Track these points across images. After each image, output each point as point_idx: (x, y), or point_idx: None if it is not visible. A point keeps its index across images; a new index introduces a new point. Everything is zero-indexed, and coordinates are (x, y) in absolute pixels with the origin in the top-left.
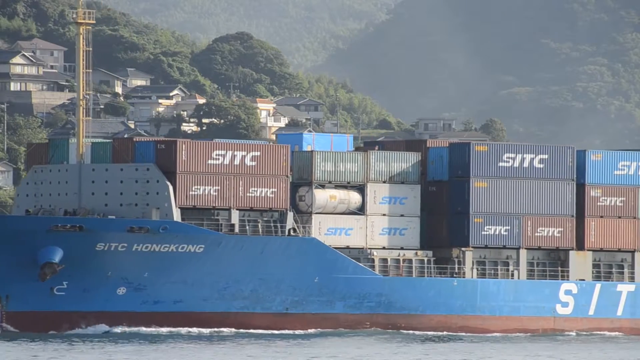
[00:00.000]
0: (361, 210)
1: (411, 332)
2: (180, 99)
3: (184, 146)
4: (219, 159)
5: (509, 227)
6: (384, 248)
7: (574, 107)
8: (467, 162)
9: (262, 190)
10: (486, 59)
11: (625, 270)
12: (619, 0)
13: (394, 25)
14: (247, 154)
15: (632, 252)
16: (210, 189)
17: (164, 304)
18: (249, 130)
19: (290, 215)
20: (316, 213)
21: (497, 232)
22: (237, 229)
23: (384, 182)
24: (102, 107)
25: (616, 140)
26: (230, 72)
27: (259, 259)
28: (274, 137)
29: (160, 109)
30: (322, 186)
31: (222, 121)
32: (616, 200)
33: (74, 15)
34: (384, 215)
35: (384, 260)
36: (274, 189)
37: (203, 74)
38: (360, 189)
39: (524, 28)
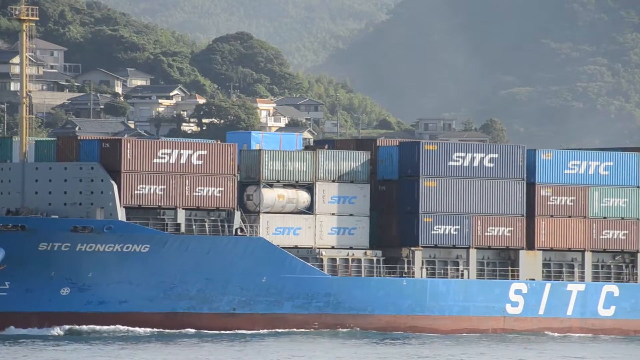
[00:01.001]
0: (310, 209)
1: (360, 331)
2: (180, 99)
3: (128, 145)
4: (164, 157)
5: (459, 227)
6: (332, 248)
7: (574, 107)
8: (417, 162)
9: (209, 190)
10: (486, 59)
11: (576, 269)
12: (619, 0)
13: (394, 25)
14: (193, 152)
15: (582, 251)
16: (155, 188)
17: (109, 304)
18: (249, 130)
19: (237, 215)
20: (264, 212)
21: (447, 232)
22: (183, 229)
23: (333, 181)
24: (102, 107)
25: (616, 140)
26: (230, 72)
27: (206, 259)
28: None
29: (160, 109)
30: (270, 185)
31: (222, 121)
32: (566, 199)
33: (17, 12)
34: (333, 214)
35: (333, 260)
36: (221, 188)
37: (203, 74)
38: (309, 188)
39: (524, 28)
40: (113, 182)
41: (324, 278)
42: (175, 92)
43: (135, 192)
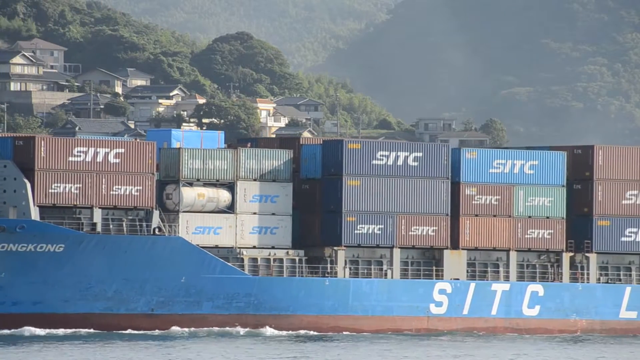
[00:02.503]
0: (231, 208)
1: (282, 332)
2: (180, 99)
3: (42, 142)
4: (80, 155)
5: (383, 226)
6: (254, 247)
7: (574, 107)
8: (340, 160)
9: (126, 188)
10: (486, 59)
11: (501, 269)
12: (618, 0)
13: (394, 25)
14: (110, 150)
15: (507, 251)
16: (71, 187)
17: (23, 305)
18: (249, 130)
19: (156, 214)
20: (184, 211)
21: (371, 231)
22: (99, 228)
23: (255, 180)
24: (102, 107)
25: (616, 140)
26: (230, 72)
27: (123, 259)
28: (274, 137)
29: (160, 109)
30: (190, 184)
31: (222, 121)
32: (491, 198)
33: None
34: (255, 213)
35: (254, 259)
36: (139, 187)
37: (203, 74)
38: (230, 187)
39: (524, 28)
40: (26, 181)
41: (244, 278)
42: (175, 92)
43: (50, 190)
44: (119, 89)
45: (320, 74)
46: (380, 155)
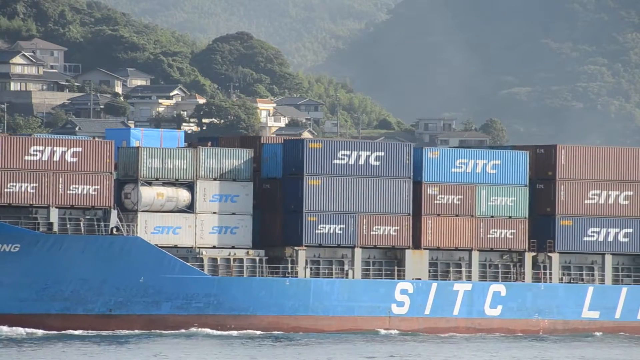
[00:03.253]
0: (190, 208)
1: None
2: (180, 99)
3: None
4: (36, 154)
5: (344, 226)
6: (214, 247)
7: (574, 107)
8: (301, 160)
9: (84, 188)
10: (486, 58)
11: (463, 269)
12: (619, 0)
13: (394, 25)
14: (67, 149)
15: (469, 250)
16: (27, 186)
17: None
18: (249, 130)
19: (114, 214)
20: (142, 211)
21: (332, 231)
22: (55, 228)
23: (215, 179)
24: (102, 107)
25: (616, 140)
26: (230, 72)
27: (80, 259)
28: (274, 137)
29: (161, 109)
30: (149, 183)
31: (222, 121)
32: (453, 198)
33: None
34: (215, 213)
35: (214, 259)
36: (96, 186)
37: (203, 74)
38: (190, 187)
39: (524, 28)
40: None
41: (203, 278)
42: (175, 92)
43: (5, 190)
44: (119, 89)
45: (320, 74)
46: (341, 155)
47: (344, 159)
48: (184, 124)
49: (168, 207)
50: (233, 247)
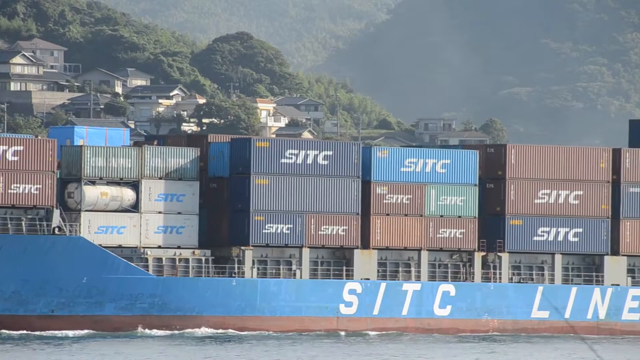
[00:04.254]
0: (135, 207)
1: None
2: (180, 99)
3: None
4: None
5: (292, 226)
6: (159, 247)
7: (574, 107)
8: (248, 159)
9: (25, 187)
10: (486, 58)
11: (412, 269)
12: (619, 0)
13: (394, 25)
14: (8, 148)
15: (419, 250)
16: None
17: None
18: (249, 130)
19: (56, 213)
20: (86, 210)
21: (279, 231)
22: None
23: (160, 178)
24: (102, 107)
25: (616, 140)
26: (230, 72)
27: (22, 259)
28: (274, 137)
29: (161, 109)
30: (93, 182)
31: (222, 121)
32: (402, 197)
33: None
34: (160, 213)
35: (159, 259)
36: (38, 185)
37: (203, 74)
38: (135, 186)
39: (524, 28)
40: None
41: (148, 278)
42: (175, 92)
43: None
44: (119, 89)
45: (320, 74)
46: (289, 154)
47: (291, 158)
48: (184, 124)
49: (112, 206)
50: (179, 247)
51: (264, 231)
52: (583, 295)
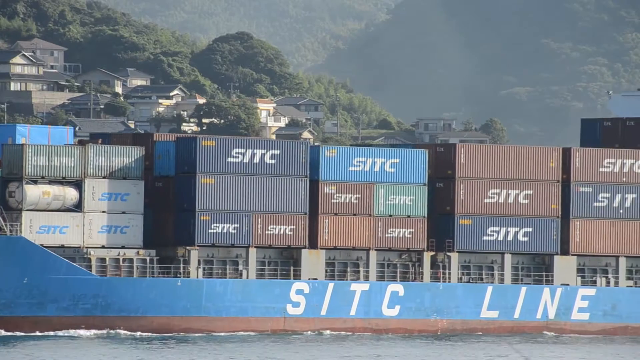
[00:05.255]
0: (78, 207)
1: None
2: (180, 99)
3: None
4: None
5: (238, 225)
6: (103, 247)
7: (574, 107)
8: (194, 158)
9: None
10: (486, 58)
11: (361, 269)
12: (618, 0)
13: (394, 25)
14: None
15: (367, 250)
16: None
17: None
18: (249, 130)
19: None
20: (27, 210)
21: (225, 230)
22: None
23: (104, 177)
24: (102, 107)
25: None
26: (230, 72)
27: None
28: (274, 137)
29: (161, 109)
30: (35, 181)
31: (222, 121)
32: (351, 197)
33: None
34: (104, 212)
35: (102, 259)
36: None
37: (203, 74)
38: (78, 185)
39: (524, 28)
40: None
41: (91, 279)
42: (175, 92)
43: None
44: (119, 89)
45: (320, 74)
46: (235, 153)
47: (238, 157)
48: (184, 124)
49: (54, 205)
50: (123, 247)
51: (209, 231)
52: (532, 295)
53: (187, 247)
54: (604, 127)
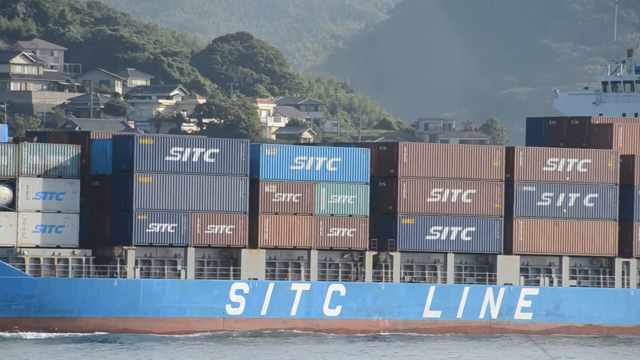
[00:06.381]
0: (12, 206)
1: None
2: (180, 99)
3: None
4: None
5: (176, 225)
6: (37, 247)
7: None
8: (131, 156)
9: None
10: (486, 58)
11: (302, 268)
12: (619, 0)
13: (394, 25)
14: None
15: (308, 250)
16: None
17: None
18: (249, 130)
19: None
20: None
21: (164, 230)
22: None
23: (39, 176)
24: (102, 107)
25: None
26: (230, 72)
27: None
28: (274, 137)
29: (161, 109)
30: None
31: (222, 121)
32: (292, 196)
33: None
34: (38, 211)
35: (36, 259)
36: None
37: (203, 74)
38: (11, 183)
39: (524, 28)
40: None
41: (25, 279)
42: (175, 92)
43: None
44: (119, 89)
45: (320, 74)
46: (174, 151)
47: (176, 155)
48: (184, 124)
49: None
50: (58, 247)
51: (147, 230)
52: (475, 295)
53: (124, 247)
54: (549, 126)
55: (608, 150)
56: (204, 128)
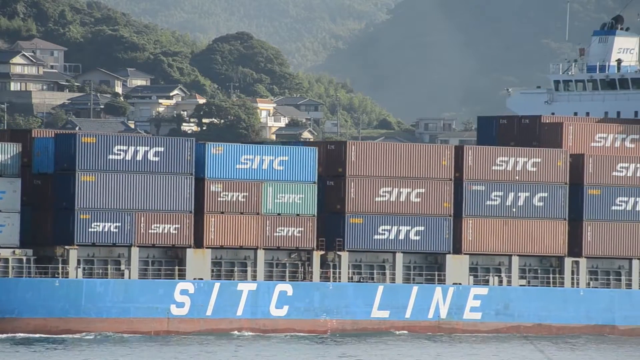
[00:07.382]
0: None
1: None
2: (180, 99)
3: None
4: None
5: (120, 224)
6: None
7: None
8: (73, 155)
9: None
10: (486, 58)
11: (248, 268)
12: (619, 0)
13: (394, 25)
14: None
15: (255, 249)
16: None
17: None
18: (249, 130)
19: None
20: None
21: (107, 229)
22: None
23: None
24: (102, 107)
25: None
26: (230, 72)
27: None
28: (274, 137)
29: (161, 109)
30: None
31: (222, 121)
32: (238, 195)
33: None
34: None
35: None
36: None
37: (203, 74)
38: None
39: (524, 28)
40: None
41: None
42: (175, 92)
43: None
44: (119, 89)
45: (320, 74)
46: (117, 150)
47: (120, 154)
48: (184, 124)
49: None
50: None
51: (90, 230)
52: (424, 295)
53: (66, 247)
54: (500, 125)
55: (558, 149)
56: (204, 128)
